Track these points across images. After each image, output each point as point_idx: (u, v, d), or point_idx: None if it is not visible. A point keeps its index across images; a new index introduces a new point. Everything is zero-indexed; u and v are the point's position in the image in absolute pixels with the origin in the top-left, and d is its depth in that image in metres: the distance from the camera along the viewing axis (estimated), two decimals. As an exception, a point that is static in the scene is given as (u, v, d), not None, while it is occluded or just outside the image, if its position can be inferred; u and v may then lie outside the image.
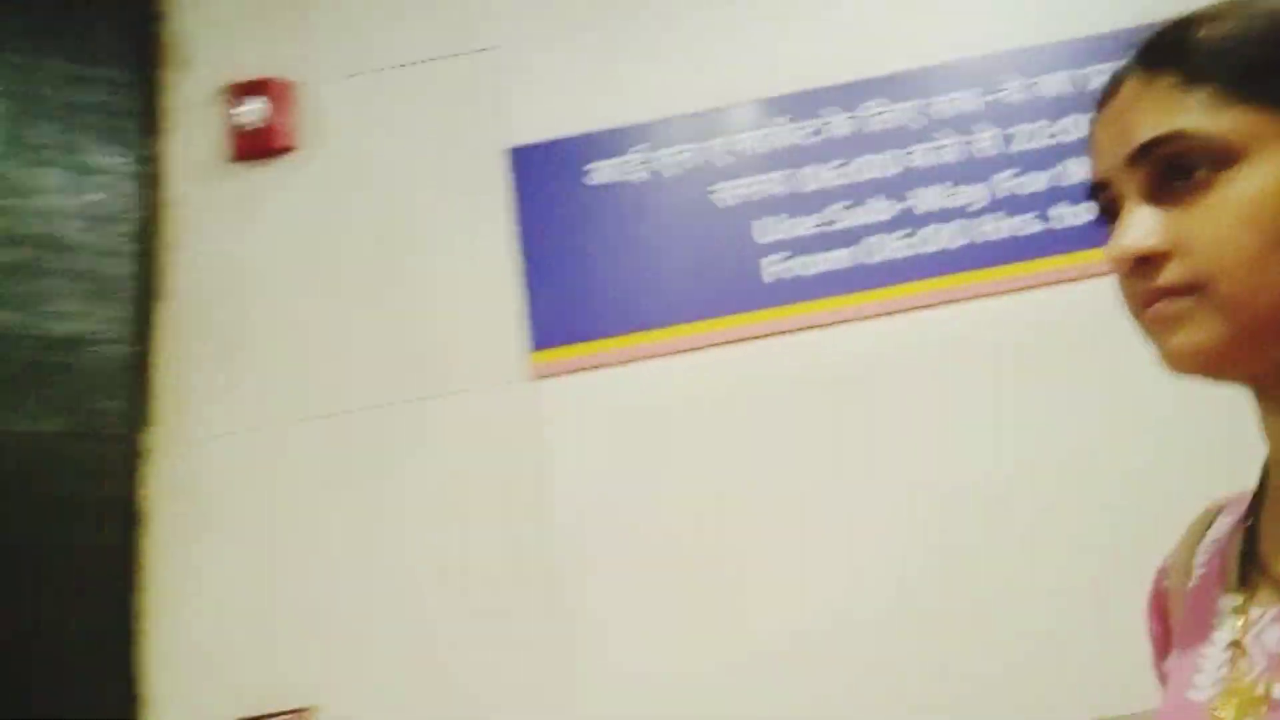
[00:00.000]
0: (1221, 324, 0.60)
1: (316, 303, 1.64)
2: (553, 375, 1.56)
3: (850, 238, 1.61)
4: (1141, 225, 0.62)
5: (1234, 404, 0.66)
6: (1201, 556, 0.73)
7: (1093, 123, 0.68)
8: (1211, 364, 0.61)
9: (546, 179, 1.66)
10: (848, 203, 1.62)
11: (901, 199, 1.61)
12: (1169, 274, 0.61)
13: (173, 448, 1.54)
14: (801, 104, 1.66)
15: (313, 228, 1.68)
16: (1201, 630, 0.67)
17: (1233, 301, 0.60)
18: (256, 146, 1.69)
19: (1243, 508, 0.70)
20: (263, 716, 1.41)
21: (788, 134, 1.66)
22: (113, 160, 1.63)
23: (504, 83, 1.72)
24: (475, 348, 1.61)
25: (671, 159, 1.66)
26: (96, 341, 1.53)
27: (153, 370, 1.57)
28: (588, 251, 1.61)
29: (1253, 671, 0.60)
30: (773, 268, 1.60)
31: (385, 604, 1.47)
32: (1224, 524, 0.73)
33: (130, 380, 1.54)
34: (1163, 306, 0.61)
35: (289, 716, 1.40)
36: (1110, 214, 0.66)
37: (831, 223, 1.61)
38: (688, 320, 1.58)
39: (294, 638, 1.45)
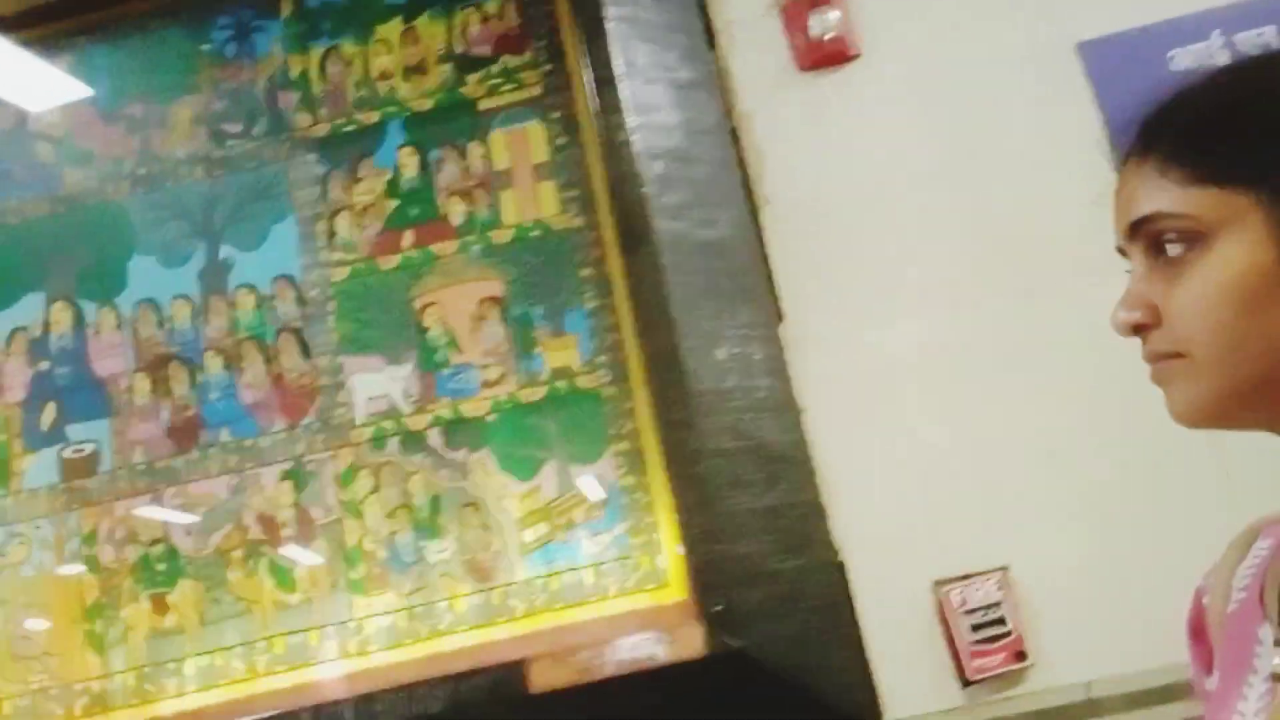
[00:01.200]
0: (1203, 388, 0.65)
1: (905, 201, 1.73)
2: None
3: None
4: (1131, 299, 0.68)
5: None
6: (1240, 580, 0.74)
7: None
8: (1202, 421, 0.67)
9: (1125, 69, 1.68)
10: None
11: None
12: (1154, 343, 0.67)
13: (807, 341, 1.66)
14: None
15: (889, 130, 1.76)
16: (1243, 658, 0.69)
17: (1210, 370, 0.65)
18: (825, 56, 1.77)
19: None
20: (961, 577, 1.52)
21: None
22: (695, 76, 1.74)
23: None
24: (1075, 239, 1.66)
25: (1253, 41, 1.64)
26: (732, 245, 1.66)
27: (772, 270, 1.69)
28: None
29: None
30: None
31: (1062, 468, 1.56)
32: (1263, 547, 0.74)
33: (762, 280, 1.65)
34: (1157, 367, 0.68)
35: (988, 576, 1.51)
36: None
37: None
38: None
39: (978, 503, 1.58)
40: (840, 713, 1.49)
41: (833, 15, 1.80)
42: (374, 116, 1.86)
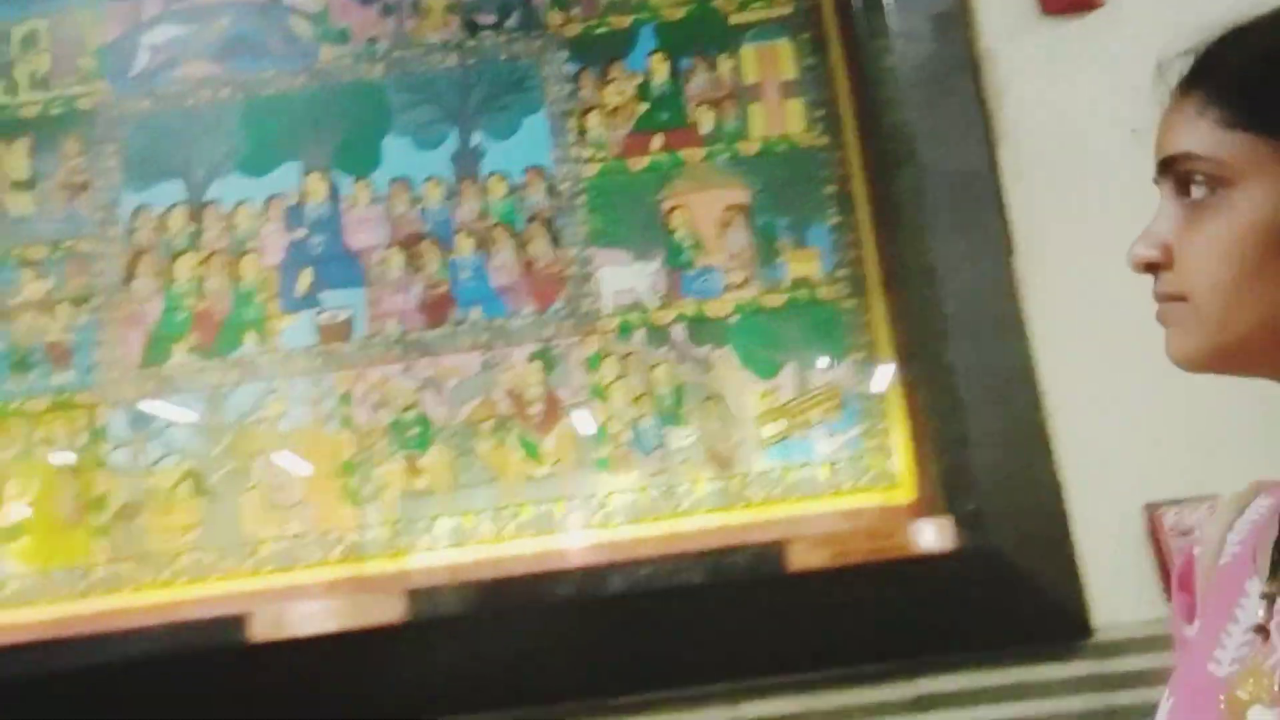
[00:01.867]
0: (1200, 336, 0.67)
1: (1134, 148, 1.80)
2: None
3: None
4: (1150, 236, 0.69)
5: None
6: (1236, 534, 0.75)
7: None
8: (1195, 367, 0.69)
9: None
10: None
11: None
12: (1162, 283, 0.69)
13: (1035, 271, 1.75)
14: None
15: (1126, 80, 1.82)
16: (1227, 608, 0.70)
17: (1208, 320, 0.65)
18: (1071, 2, 1.82)
19: None
20: (1173, 501, 1.63)
21: None
22: (948, 8, 1.80)
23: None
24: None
25: None
26: (975, 176, 1.75)
27: (1005, 202, 1.77)
28: None
29: (1272, 657, 0.64)
30: None
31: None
32: (1262, 506, 0.75)
33: (998, 211, 1.74)
34: (1161, 308, 0.69)
35: (1199, 502, 1.62)
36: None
37: None
38: None
39: (1191, 432, 1.68)
40: (1052, 613, 1.62)
41: (1079, -36, 1.87)
42: (625, 21, 1.93)
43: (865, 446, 1.72)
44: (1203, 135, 0.66)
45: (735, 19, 1.91)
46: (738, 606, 1.57)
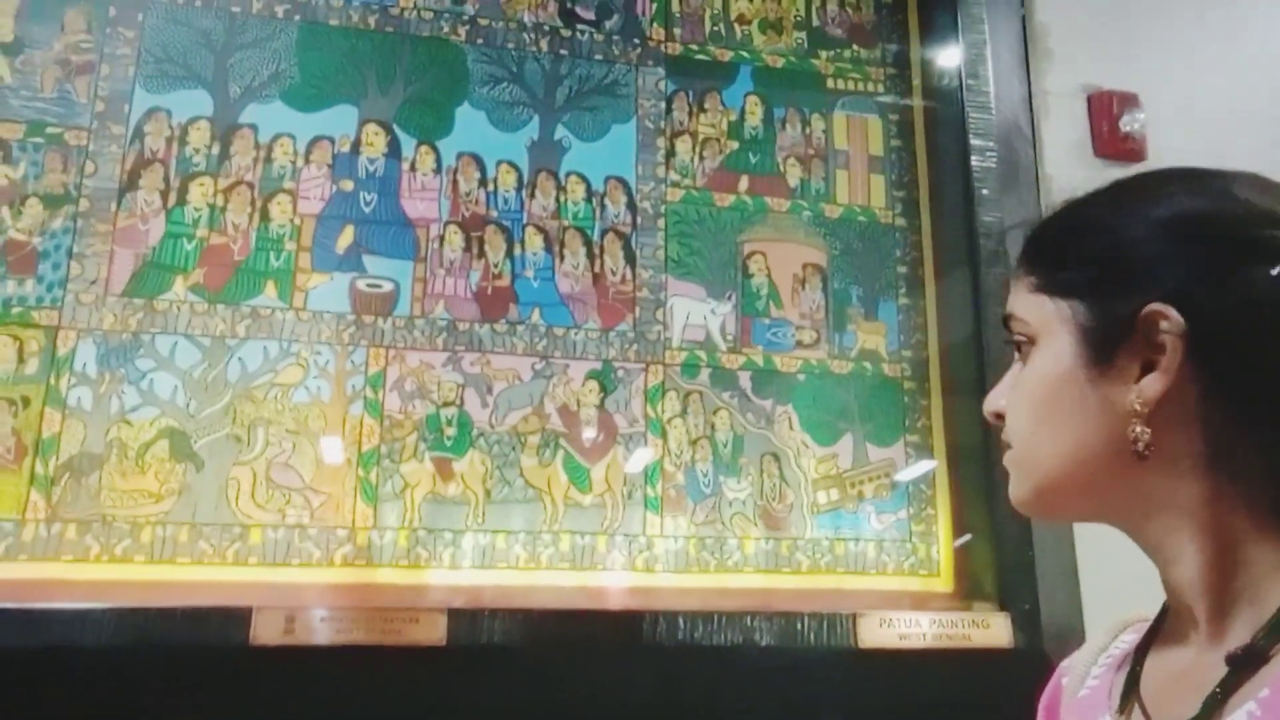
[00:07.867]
0: (1020, 480, 0.71)
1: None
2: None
3: None
4: (998, 389, 0.74)
5: None
6: (1098, 668, 0.77)
7: None
8: (1028, 510, 0.72)
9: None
10: None
11: None
12: (1004, 433, 0.73)
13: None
14: None
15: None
16: None
17: (1023, 464, 0.70)
18: (1121, 151, 1.96)
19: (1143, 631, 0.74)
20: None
21: None
22: (1013, 121, 1.89)
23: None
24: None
25: None
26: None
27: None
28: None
29: None
30: None
31: None
32: (1126, 641, 0.77)
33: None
34: (1005, 456, 0.73)
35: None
36: None
37: None
38: None
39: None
40: None
41: (1140, 115, 2.02)
42: (726, 55, 1.87)
43: (913, 530, 1.71)
44: (1019, 299, 0.72)
45: (831, 84, 1.90)
46: (802, 673, 1.49)
